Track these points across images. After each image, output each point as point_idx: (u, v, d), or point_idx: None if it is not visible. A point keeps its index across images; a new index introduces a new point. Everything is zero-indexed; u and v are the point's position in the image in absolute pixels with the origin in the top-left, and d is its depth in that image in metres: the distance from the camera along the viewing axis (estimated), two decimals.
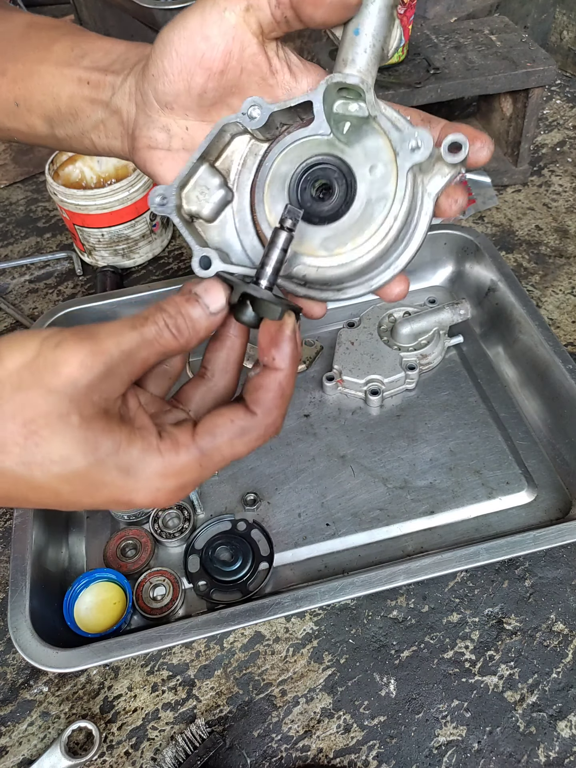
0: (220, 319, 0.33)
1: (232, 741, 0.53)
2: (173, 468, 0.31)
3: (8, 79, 0.42)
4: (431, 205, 0.35)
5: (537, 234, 0.91)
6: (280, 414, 0.33)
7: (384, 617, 0.59)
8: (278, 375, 0.32)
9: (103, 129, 0.40)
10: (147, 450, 0.30)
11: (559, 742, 0.52)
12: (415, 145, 0.33)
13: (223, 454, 0.32)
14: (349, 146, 0.35)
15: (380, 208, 0.34)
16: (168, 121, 0.37)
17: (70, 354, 0.28)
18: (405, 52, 0.88)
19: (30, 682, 0.57)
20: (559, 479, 0.65)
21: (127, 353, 0.30)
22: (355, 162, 0.35)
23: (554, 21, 1.20)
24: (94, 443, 0.28)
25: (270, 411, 0.32)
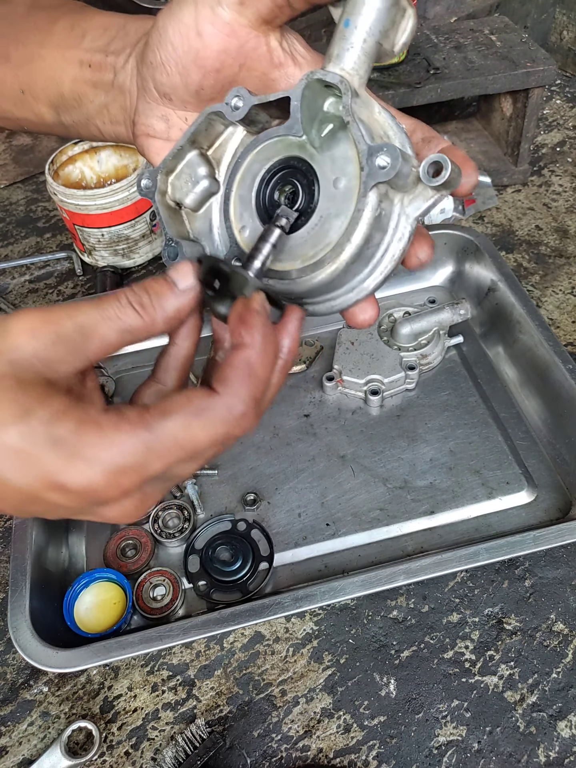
0: (190, 300, 0.31)
1: (232, 741, 0.53)
2: (112, 444, 0.27)
3: (12, 65, 0.42)
4: (408, 228, 0.32)
5: (537, 234, 0.91)
6: (249, 396, 0.28)
7: (384, 617, 0.59)
8: (245, 352, 0.29)
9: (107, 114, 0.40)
10: (84, 421, 0.27)
11: (559, 742, 0.52)
12: (383, 162, 0.29)
13: (177, 438, 0.28)
14: (320, 152, 0.32)
15: (335, 226, 0.31)
16: (167, 110, 0.36)
17: (21, 320, 0.28)
18: (405, 52, 0.88)
19: (30, 682, 0.57)
20: (559, 479, 0.65)
21: (82, 326, 0.28)
22: (321, 170, 0.32)
23: (554, 21, 1.20)
24: (27, 409, 0.26)
25: (235, 391, 0.28)
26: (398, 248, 0.32)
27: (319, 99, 0.32)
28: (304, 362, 0.76)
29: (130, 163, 0.91)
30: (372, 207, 0.30)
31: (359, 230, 0.30)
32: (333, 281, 0.32)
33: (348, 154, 0.31)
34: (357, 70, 0.32)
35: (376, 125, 0.32)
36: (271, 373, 0.30)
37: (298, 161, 0.33)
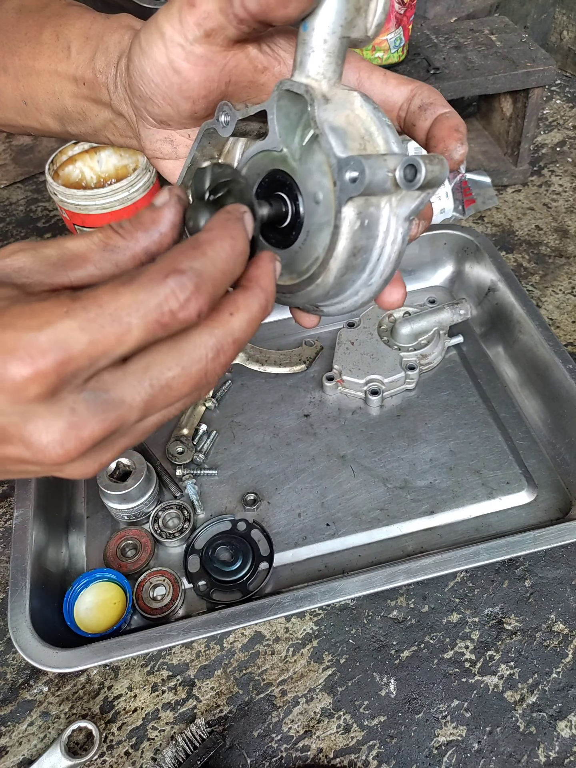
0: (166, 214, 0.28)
1: (232, 741, 0.53)
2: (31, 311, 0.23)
3: (11, 76, 0.42)
4: (401, 230, 0.32)
5: (537, 234, 0.91)
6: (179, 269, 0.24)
7: (384, 617, 0.59)
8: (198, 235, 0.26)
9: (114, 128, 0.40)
10: (16, 300, 0.24)
11: (559, 742, 0.52)
12: (353, 175, 0.28)
13: (102, 303, 0.24)
14: (301, 164, 0.31)
15: (321, 240, 0.31)
16: (169, 133, 0.37)
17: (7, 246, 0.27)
18: (405, 52, 0.88)
19: (30, 682, 0.57)
20: (559, 479, 0.65)
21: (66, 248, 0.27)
22: (303, 185, 0.31)
23: (554, 21, 1.20)
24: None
25: (172, 256, 0.25)
26: (394, 251, 0.32)
27: (295, 107, 0.31)
28: (304, 362, 0.76)
29: (130, 163, 0.91)
30: (350, 221, 0.30)
31: (341, 245, 0.30)
32: (329, 292, 0.32)
33: (323, 167, 0.30)
34: (323, 74, 0.31)
35: (357, 123, 0.31)
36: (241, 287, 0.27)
37: (282, 175, 0.32)
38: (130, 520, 0.64)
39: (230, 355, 0.27)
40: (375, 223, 0.31)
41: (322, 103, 0.30)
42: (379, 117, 0.31)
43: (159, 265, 0.25)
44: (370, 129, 0.31)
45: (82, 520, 0.66)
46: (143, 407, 0.26)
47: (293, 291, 0.33)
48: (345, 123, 0.30)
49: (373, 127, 0.31)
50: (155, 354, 0.25)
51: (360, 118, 0.31)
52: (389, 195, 0.30)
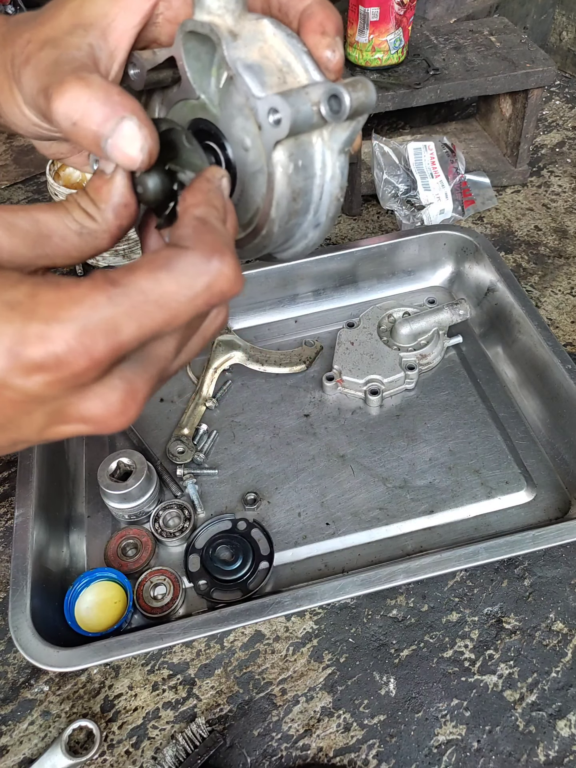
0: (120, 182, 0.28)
1: (233, 740, 0.53)
2: (70, 298, 0.23)
3: None
4: (338, 164, 0.29)
5: (536, 234, 0.91)
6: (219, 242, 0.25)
7: (384, 616, 0.59)
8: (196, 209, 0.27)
9: None
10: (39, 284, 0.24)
11: (559, 741, 0.52)
12: (276, 118, 0.26)
13: (144, 289, 0.24)
14: (222, 110, 0.29)
15: (257, 189, 0.29)
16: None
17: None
18: (405, 53, 0.89)
19: (31, 681, 0.57)
20: (559, 479, 0.65)
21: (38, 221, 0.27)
22: (228, 132, 0.29)
23: (553, 22, 1.21)
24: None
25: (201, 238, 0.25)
26: (335, 186, 0.30)
27: (204, 46, 0.29)
28: (304, 362, 0.76)
29: None
30: (282, 165, 0.28)
31: (278, 191, 0.29)
32: (277, 240, 0.31)
33: (245, 111, 0.28)
34: (225, 7, 0.28)
35: (272, 54, 0.29)
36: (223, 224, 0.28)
37: (206, 124, 0.30)
38: (131, 520, 0.64)
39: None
40: (310, 161, 0.29)
41: (231, 41, 0.28)
42: (293, 44, 0.29)
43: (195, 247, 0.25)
44: (287, 59, 0.29)
45: (83, 519, 0.66)
46: (177, 355, 0.28)
47: (241, 246, 0.31)
48: (259, 57, 0.28)
49: (290, 57, 0.29)
50: None
51: (274, 49, 0.29)
52: (319, 129, 0.29)
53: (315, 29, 0.29)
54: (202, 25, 0.28)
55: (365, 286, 0.83)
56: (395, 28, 0.84)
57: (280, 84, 0.28)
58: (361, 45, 0.86)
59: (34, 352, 0.23)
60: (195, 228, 0.26)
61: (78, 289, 0.23)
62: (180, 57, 0.29)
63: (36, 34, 0.30)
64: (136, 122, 0.27)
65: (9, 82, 0.31)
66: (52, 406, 0.25)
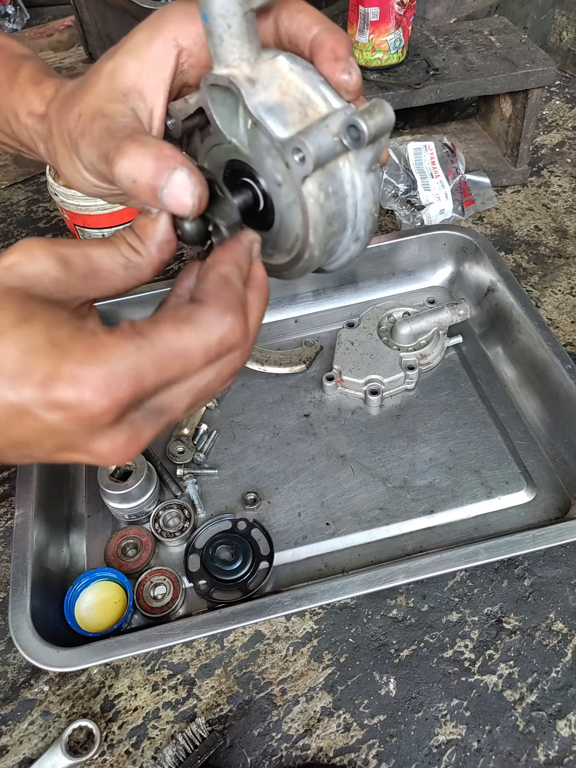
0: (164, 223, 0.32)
1: (233, 740, 0.53)
2: (103, 345, 0.26)
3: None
4: (368, 182, 0.31)
5: (536, 234, 0.91)
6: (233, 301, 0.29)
7: (384, 616, 0.59)
8: (219, 267, 0.31)
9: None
10: (80, 328, 0.27)
11: (559, 741, 0.52)
12: (299, 156, 0.28)
13: (169, 343, 0.27)
14: (252, 150, 0.32)
15: (294, 218, 0.31)
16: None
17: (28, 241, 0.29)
18: (405, 53, 0.89)
19: (31, 681, 0.57)
20: (558, 479, 0.65)
21: (89, 255, 0.30)
22: (260, 170, 0.32)
23: (553, 22, 1.21)
24: (29, 315, 0.27)
25: (218, 297, 0.29)
26: (368, 202, 0.32)
27: (227, 95, 0.31)
28: (304, 362, 0.76)
29: None
30: (314, 196, 0.30)
31: (313, 219, 0.31)
32: (321, 260, 0.33)
33: (272, 151, 0.30)
34: (241, 57, 0.30)
35: (291, 89, 0.31)
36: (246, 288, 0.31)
37: (240, 164, 0.33)
38: (131, 520, 0.64)
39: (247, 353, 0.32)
40: (340, 185, 0.31)
41: (250, 88, 0.30)
42: (310, 76, 0.31)
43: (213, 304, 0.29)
44: (306, 91, 0.31)
45: (83, 519, 0.66)
46: (187, 409, 0.31)
47: (288, 269, 0.34)
48: (279, 96, 0.30)
49: (308, 89, 0.30)
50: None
51: (293, 84, 0.30)
52: (345, 154, 0.30)
53: (328, 57, 0.31)
54: (222, 78, 0.30)
55: (365, 286, 0.83)
56: (395, 28, 0.84)
57: (302, 118, 0.30)
58: (361, 45, 0.86)
59: (63, 392, 0.26)
60: (216, 284, 0.29)
61: (110, 338, 0.27)
62: (207, 107, 0.32)
63: (83, 106, 0.34)
64: (186, 172, 0.30)
65: (68, 152, 0.35)
66: (65, 437, 0.28)
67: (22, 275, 0.28)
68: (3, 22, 1.39)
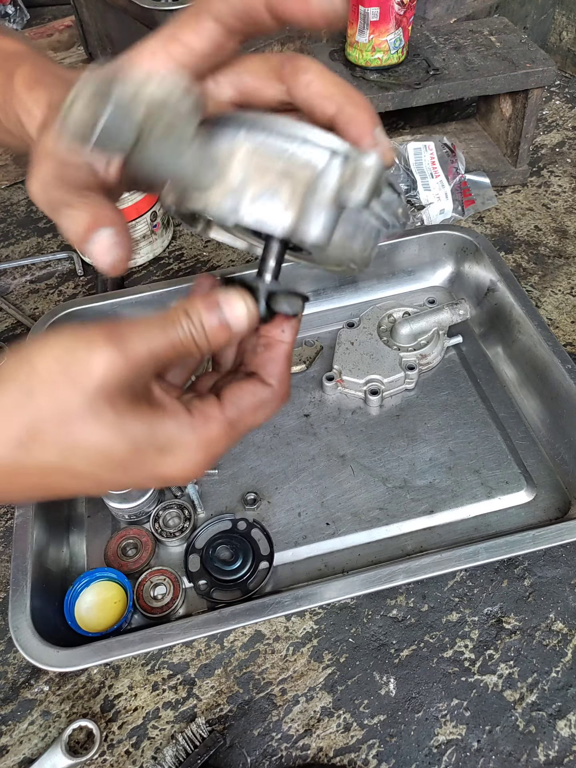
0: (242, 334, 0.33)
1: (233, 740, 0.53)
2: (206, 441, 0.32)
3: None
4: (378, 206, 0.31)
5: (536, 234, 0.91)
6: (289, 383, 0.36)
7: (384, 616, 0.59)
8: (285, 347, 0.35)
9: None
10: (180, 427, 0.31)
11: (559, 741, 0.52)
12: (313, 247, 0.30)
13: (247, 423, 0.34)
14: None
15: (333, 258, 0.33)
16: None
17: (100, 355, 0.29)
18: (405, 53, 0.89)
19: (31, 681, 0.57)
20: (558, 479, 0.65)
21: (155, 355, 0.31)
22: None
23: (553, 22, 1.21)
24: (132, 433, 0.30)
25: (283, 381, 0.35)
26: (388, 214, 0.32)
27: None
28: (304, 362, 0.76)
29: None
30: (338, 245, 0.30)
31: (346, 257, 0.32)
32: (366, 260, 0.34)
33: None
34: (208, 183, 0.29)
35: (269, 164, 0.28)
36: None
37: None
38: (131, 520, 0.64)
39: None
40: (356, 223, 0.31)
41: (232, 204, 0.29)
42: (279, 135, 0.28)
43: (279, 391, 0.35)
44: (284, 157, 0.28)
45: (83, 519, 0.66)
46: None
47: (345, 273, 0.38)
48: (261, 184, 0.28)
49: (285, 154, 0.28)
50: None
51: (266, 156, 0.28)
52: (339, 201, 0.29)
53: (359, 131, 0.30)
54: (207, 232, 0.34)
55: (365, 286, 0.83)
56: (395, 28, 0.84)
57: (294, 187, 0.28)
58: (361, 45, 0.86)
59: (176, 477, 0.32)
60: (279, 368, 0.35)
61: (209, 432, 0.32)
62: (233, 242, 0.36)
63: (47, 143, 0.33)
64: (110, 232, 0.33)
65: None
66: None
67: (105, 395, 0.30)
68: (3, 22, 1.39)
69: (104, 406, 0.29)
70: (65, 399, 0.29)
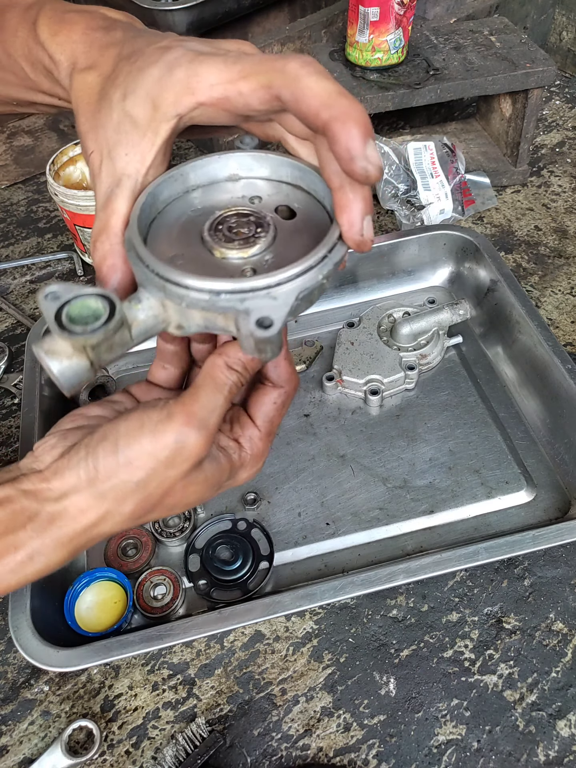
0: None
1: (233, 740, 0.53)
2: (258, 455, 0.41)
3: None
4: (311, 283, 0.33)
5: (536, 234, 0.91)
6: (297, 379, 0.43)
7: (384, 616, 0.59)
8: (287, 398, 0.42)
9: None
10: (241, 457, 0.40)
11: (559, 741, 0.52)
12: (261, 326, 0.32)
13: (276, 425, 0.42)
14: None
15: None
16: None
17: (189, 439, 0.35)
18: (405, 53, 0.89)
19: (31, 681, 0.57)
20: (558, 479, 0.65)
21: (221, 414, 0.37)
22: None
23: (553, 22, 1.21)
24: (217, 482, 0.39)
25: (290, 380, 0.42)
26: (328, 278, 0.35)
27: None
28: (304, 362, 0.76)
29: None
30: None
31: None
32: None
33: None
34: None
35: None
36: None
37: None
38: None
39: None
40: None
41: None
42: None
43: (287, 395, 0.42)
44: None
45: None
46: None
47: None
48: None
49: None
50: None
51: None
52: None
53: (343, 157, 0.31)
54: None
55: (365, 286, 0.83)
56: (395, 28, 0.84)
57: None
58: (361, 45, 0.86)
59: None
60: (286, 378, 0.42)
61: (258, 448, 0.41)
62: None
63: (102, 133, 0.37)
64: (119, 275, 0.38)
65: None
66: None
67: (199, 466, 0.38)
68: None
69: (194, 472, 0.37)
70: (167, 479, 0.36)
